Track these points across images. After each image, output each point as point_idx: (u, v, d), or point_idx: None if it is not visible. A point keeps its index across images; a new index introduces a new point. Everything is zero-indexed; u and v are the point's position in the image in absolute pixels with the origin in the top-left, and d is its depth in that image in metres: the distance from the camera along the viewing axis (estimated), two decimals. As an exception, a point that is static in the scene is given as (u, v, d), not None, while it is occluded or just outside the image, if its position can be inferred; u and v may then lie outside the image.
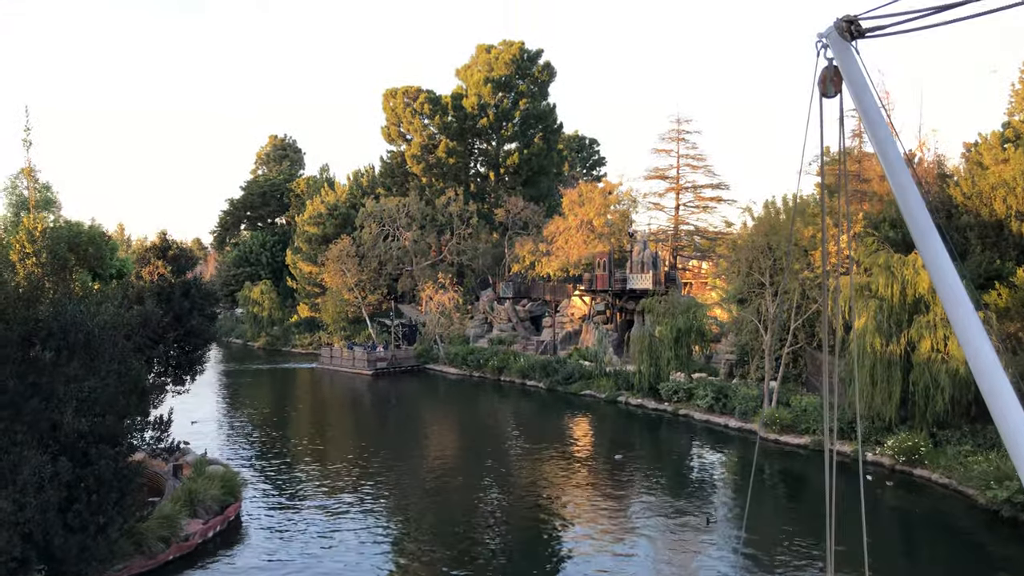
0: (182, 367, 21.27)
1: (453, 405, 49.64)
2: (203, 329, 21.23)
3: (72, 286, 14.15)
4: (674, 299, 43.55)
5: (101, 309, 13.55)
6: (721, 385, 40.45)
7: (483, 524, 24.75)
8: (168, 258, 21.13)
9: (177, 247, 21.78)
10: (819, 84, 5.84)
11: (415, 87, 74.92)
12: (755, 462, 33.00)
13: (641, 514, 25.55)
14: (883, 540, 22.74)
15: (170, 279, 20.35)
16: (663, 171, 61.44)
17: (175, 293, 20.43)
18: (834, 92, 5.81)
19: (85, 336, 12.95)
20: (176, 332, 20.25)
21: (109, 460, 13.72)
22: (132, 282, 20.18)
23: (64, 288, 13.68)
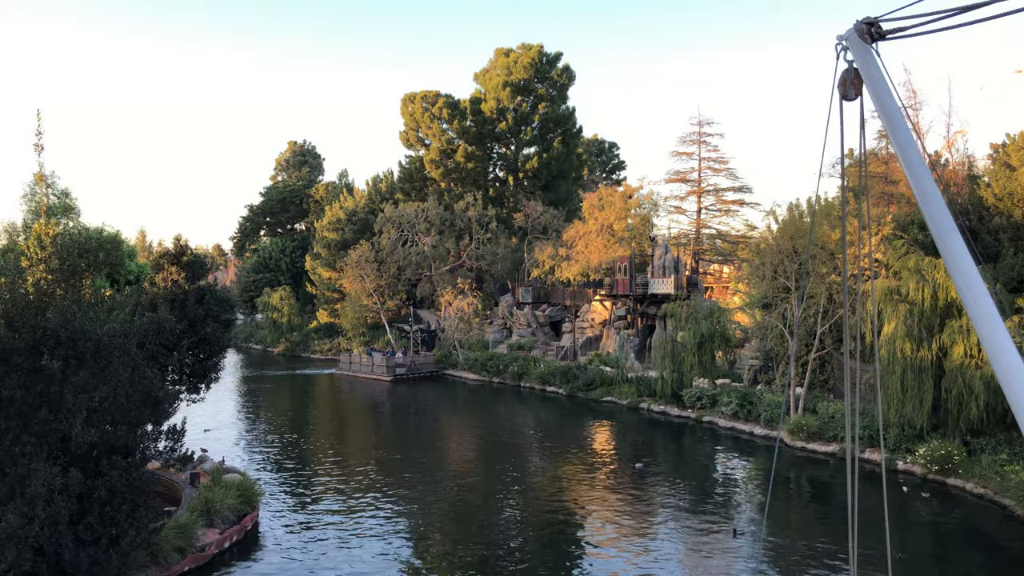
0: (196, 375, 20.92)
1: (472, 411, 49.17)
2: (218, 336, 20.86)
3: (83, 293, 13.84)
4: (697, 304, 42.85)
5: (112, 317, 13.21)
6: (746, 391, 39.68)
7: (504, 532, 24.25)
8: (182, 264, 20.79)
9: (191, 253, 21.43)
10: (839, 87, 5.77)
11: (433, 91, 74.71)
12: (774, 469, 32.36)
13: (665, 523, 24.95)
14: (916, 551, 22.01)
15: (184, 285, 20.00)
16: (684, 174, 60.83)
17: (189, 300, 20.07)
18: (854, 95, 5.74)
19: (94, 345, 12.61)
20: (190, 339, 19.90)
21: (121, 471, 13.36)
22: (146, 289, 19.86)
23: (74, 295, 13.37)
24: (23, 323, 11.95)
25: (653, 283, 52.59)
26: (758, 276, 39.51)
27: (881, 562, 18.17)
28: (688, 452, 36.35)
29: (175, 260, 20.80)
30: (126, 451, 13.72)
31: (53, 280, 13.40)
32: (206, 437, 34.20)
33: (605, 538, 23.88)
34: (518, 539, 23.70)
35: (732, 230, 61.65)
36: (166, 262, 20.76)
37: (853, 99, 5.73)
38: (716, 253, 62.76)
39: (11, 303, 11.87)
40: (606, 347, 54.75)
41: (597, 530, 24.61)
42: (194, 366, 20.53)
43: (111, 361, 12.90)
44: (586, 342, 57.33)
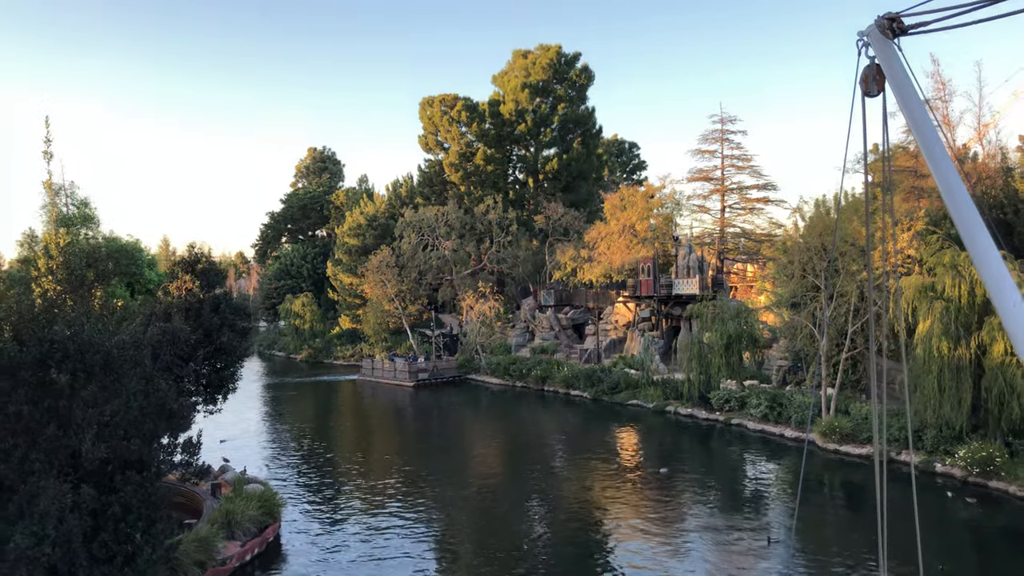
0: (213, 385, 20.50)
1: (496, 416, 48.60)
2: (234, 346, 20.44)
3: (93, 303, 13.44)
4: (724, 304, 41.99)
5: (122, 328, 12.80)
6: (775, 393, 38.78)
7: (530, 540, 23.65)
8: (197, 272, 20.38)
9: (206, 260, 21.03)
10: (861, 83, 5.74)
11: (452, 95, 74.36)
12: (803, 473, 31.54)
13: (694, 529, 24.26)
14: (959, 559, 21.13)
15: (199, 294, 19.60)
16: (707, 172, 59.92)
17: (204, 309, 19.67)
18: (876, 91, 5.71)
19: (103, 357, 12.19)
20: (206, 349, 19.50)
21: (135, 486, 12.94)
22: (159, 298, 19.49)
23: (83, 306, 12.97)
24: (30, 336, 11.57)
25: (677, 284, 51.75)
26: (786, 275, 38.59)
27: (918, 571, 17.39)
28: (717, 455, 35.54)
29: (190, 268, 20.40)
30: (140, 466, 13.29)
31: (62, 291, 13.01)
32: (223, 447, 33.87)
33: (633, 544, 23.21)
34: (544, 547, 23.09)
35: (757, 228, 60.64)
36: (180, 270, 20.37)
37: (875, 95, 5.70)
38: (741, 252, 61.73)
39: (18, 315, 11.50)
40: (630, 349, 53.96)
41: (624, 536, 23.96)
42: (210, 376, 20.10)
43: (122, 374, 12.48)
44: (610, 344, 56.56)
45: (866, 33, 5.67)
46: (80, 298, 13.27)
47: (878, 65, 5.65)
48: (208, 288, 20.28)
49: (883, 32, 5.57)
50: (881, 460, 7.33)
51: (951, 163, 5.54)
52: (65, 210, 33.99)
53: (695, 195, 60.62)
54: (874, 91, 5.73)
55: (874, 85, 5.71)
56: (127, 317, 13.79)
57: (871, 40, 5.65)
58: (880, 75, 5.67)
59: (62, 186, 34.08)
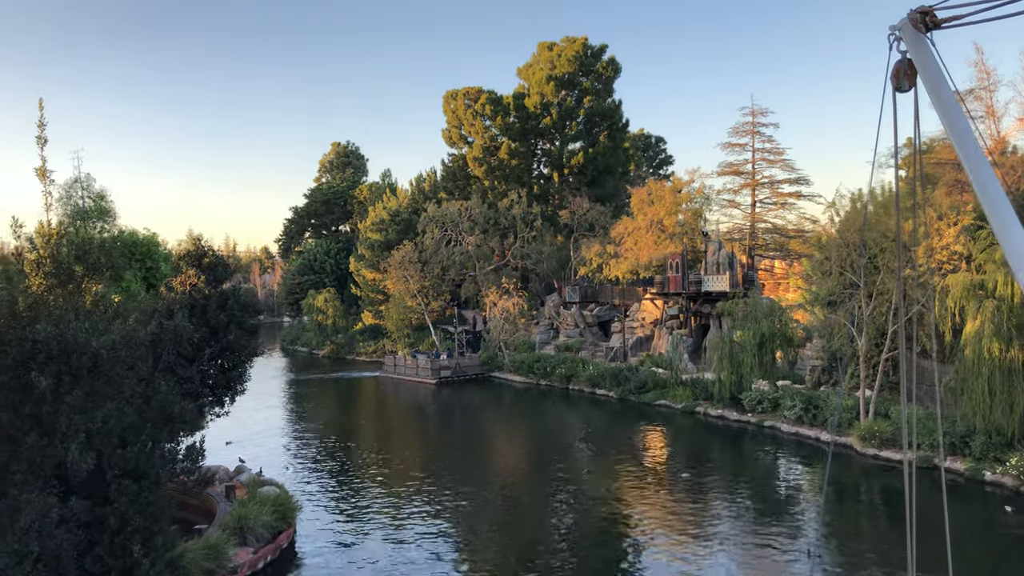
0: (219, 387, 19.49)
1: (520, 416, 47.49)
2: (242, 344, 19.42)
3: (83, 300, 12.46)
4: (756, 302, 40.49)
5: (114, 326, 11.83)
6: (810, 394, 37.28)
7: (554, 546, 22.57)
8: (203, 266, 19.37)
9: (213, 254, 20.01)
10: (892, 78, 5.62)
11: (476, 88, 73.18)
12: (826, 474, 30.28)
13: (724, 536, 23.14)
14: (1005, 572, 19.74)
15: (204, 290, 18.57)
16: (737, 166, 58.32)
17: (210, 305, 18.64)
18: (908, 86, 5.59)
19: (91, 358, 11.21)
20: (212, 348, 18.50)
21: (131, 497, 11.99)
22: (162, 294, 18.48)
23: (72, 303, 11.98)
24: (10, 336, 10.61)
25: (707, 280, 50.24)
26: (822, 271, 37.03)
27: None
28: (748, 459, 34.18)
29: (195, 262, 19.40)
30: (138, 474, 12.34)
31: (47, 286, 12.06)
32: (238, 448, 33.05)
33: (659, 550, 22.17)
34: (568, 552, 21.97)
35: (789, 224, 58.92)
36: (185, 264, 19.37)
37: (907, 91, 5.59)
38: (772, 248, 60.05)
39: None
40: (658, 348, 52.57)
41: (650, 543, 22.96)
42: (216, 377, 19.08)
43: (113, 376, 11.52)
44: (636, 342, 55.18)
45: (898, 27, 5.53)
46: (69, 294, 12.31)
47: (910, 60, 5.51)
48: (215, 283, 19.26)
49: (915, 26, 5.43)
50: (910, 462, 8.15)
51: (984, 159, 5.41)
52: (81, 203, 33.29)
53: (725, 189, 59.07)
54: (905, 86, 5.59)
55: (905, 80, 5.56)
56: (121, 314, 12.81)
57: (903, 34, 5.51)
58: (912, 70, 5.52)
59: (77, 178, 33.40)
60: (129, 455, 12.26)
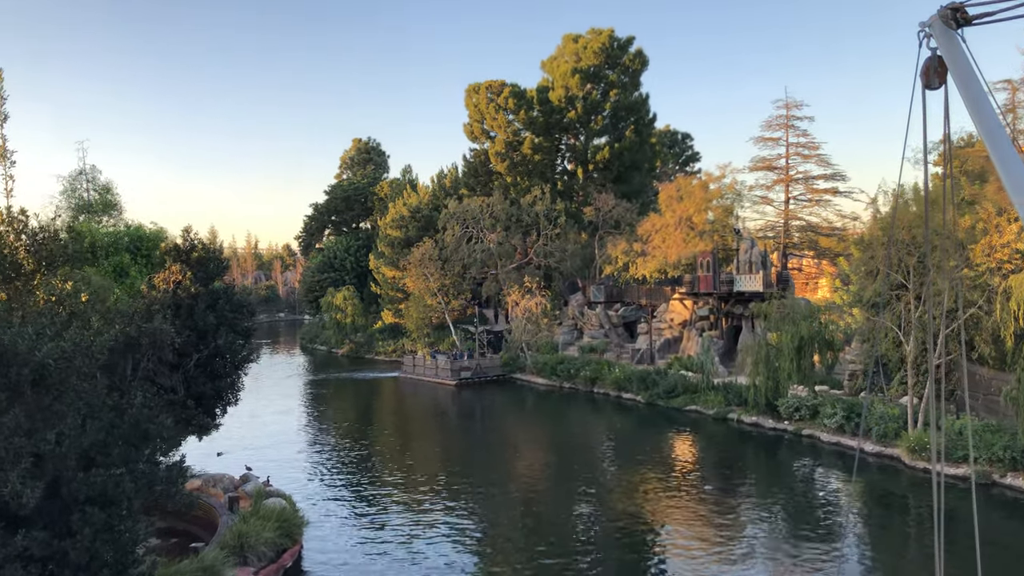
0: (208, 397, 17.70)
1: (543, 420, 45.60)
2: (234, 349, 17.62)
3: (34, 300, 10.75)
4: (793, 303, 38.28)
5: (68, 333, 10.11)
6: (852, 402, 35.05)
7: (578, 560, 20.73)
8: (191, 262, 17.54)
9: (203, 247, 18.16)
10: (922, 76, 5.59)
11: (499, 81, 71.24)
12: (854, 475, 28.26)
13: (757, 553, 21.24)
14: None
15: (190, 288, 16.74)
16: (770, 161, 56.04)
17: (198, 305, 16.82)
18: (938, 84, 5.55)
19: (34, 371, 9.52)
20: (199, 354, 16.74)
21: (96, 528, 10.32)
22: (143, 292, 16.73)
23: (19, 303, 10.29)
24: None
25: (739, 280, 48.03)
26: (866, 271, 34.76)
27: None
28: (785, 470, 32.12)
29: (182, 257, 17.60)
30: (105, 500, 10.67)
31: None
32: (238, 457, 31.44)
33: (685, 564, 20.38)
34: (595, 564, 20.15)
35: (824, 221, 56.52)
36: (170, 259, 17.56)
37: (937, 88, 5.55)
38: (808, 246, 57.67)
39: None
40: (687, 350, 50.42)
41: (677, 555, 21.28)
42: (205, 386, 17.30)
43: (64, 391, 9.85)
44: (664, 344, 53.05)
45: (928, 24, 5.51)
46: (15, 292, 10.63)
47: (940, 57, 5.48)
48: (205, 281, 17.46)
49: (946, 22, 5.41)
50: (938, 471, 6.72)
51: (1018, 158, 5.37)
52: (86, 196, 31.94)
53: (757, 185, 56.79)
54: (935, 84, 5.54)
55: (935, 78, 5.51)
56: (79, 315, 11.12)
57: (933, 31, 5.48)
58: (942, 67, 5.48)
59: (82, 170, 32.06)
60: (94, 479, 10.59)
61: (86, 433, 10.49)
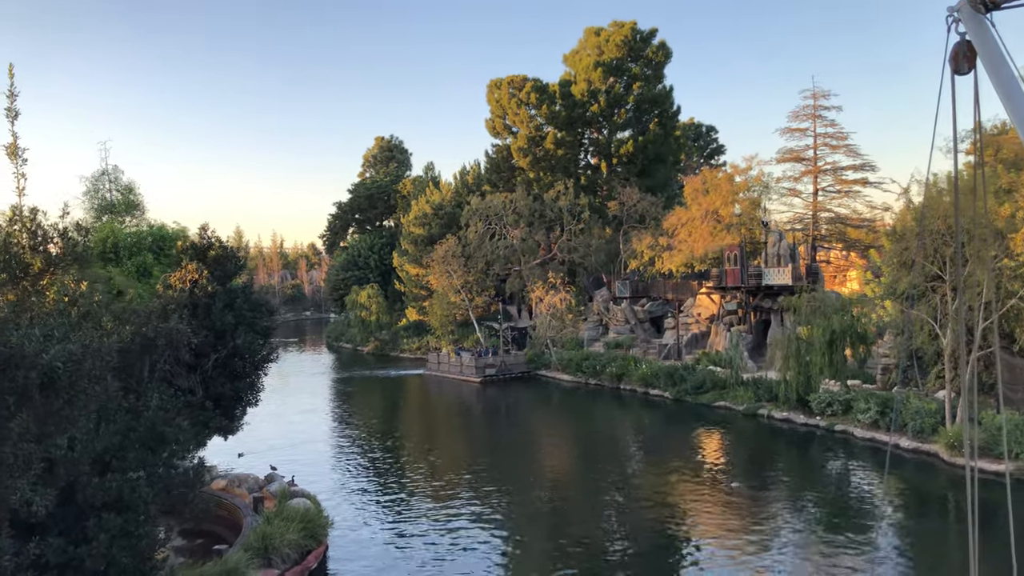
0: (226, 398, 17.40)
1: (569, 417, 45.10)
2: (253, 349, 17.31)
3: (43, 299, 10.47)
4: (825, 296, 37.43)
5: (80, 332, 9.82)
6: (886, 396, 34.20)
7: (606, 560, 20.27)
8: (208, 260, 17.26)
9: (220, 245, 17.86)
10: (951, 61, 5.49)
11: (521, 76, 70.70)
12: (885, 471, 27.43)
13: (790, 554, 20.64)
14: None
15: (207, 287, 16.45)
16: (798, 152, 55.00)
17: (215, 304, 16.52)
18: (967, 69, 5.46)
19: (41, 374, 9.24)
20: (217, 354, 16.44)
21: (111, 534, 10.04)
22: (159, 292, 16.46)
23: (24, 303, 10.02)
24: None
25: (768, 273, 47.16)
26: (900, 262, 33.84)
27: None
28: (817, 467, 31.37)
29: (199, 256, 17.33)
30: (121, 506, 10.40)
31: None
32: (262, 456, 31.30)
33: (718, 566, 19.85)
34: (623, 566, 19.67)
35: (853, 213, 55.38)
36: (186, 258, 17.29)
37: (966, 73, 5.46)
38: (836, 238, 56.56)
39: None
40: (714, 345, 49.65)
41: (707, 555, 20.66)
42: (223, 387, 17.00)
43: (75, 394, 9.55)
44: (691, 339, 52.31)
45: (956, 8, 5.41)
46: (22, 293, 10.37)
47: (969, 42, 5.36)
48: (222, 280, 17.17)
49: (974, 7, 5.30)
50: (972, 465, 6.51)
51: None
52: (108, 196, 31.93)
53: (785, 177, 55.71)
54: (964, 69, 5.43)
55: (964, 63, 5.40)
56: (90, 316, 10.83)
57: (962, 15, 5.37)
58: (971, 52, 5.36)
59: (104, 170, 32.04)
60: (110, 484, 10.32)
61: (100, 437, 10.22)
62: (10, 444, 8.72)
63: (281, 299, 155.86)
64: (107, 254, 26.92)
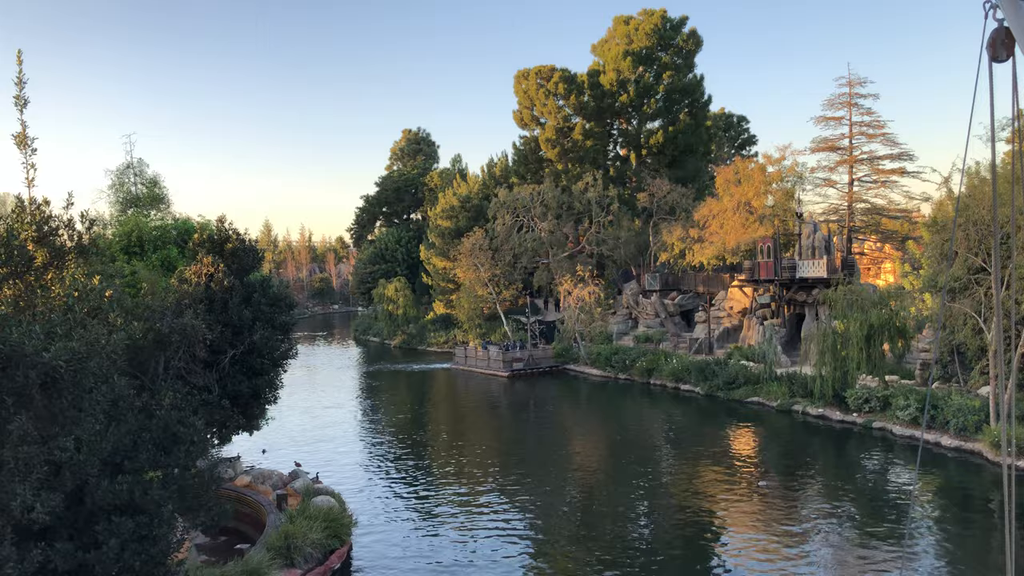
0: (243, 396, 16.89)
1: (598, 412, 44.41)
2: (272, 346, 16.76)
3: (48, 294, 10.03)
4: (863, 289, 36.34)
5: (79, 332, 9.34)
6: (925, 392, 33.06)
7: (636, 556, 19.63)
8: (225, 253, 16.73)
9: (238, 238, 17.31)
10: (988, 48, 5.30)
11: (548, 66, 69.89)
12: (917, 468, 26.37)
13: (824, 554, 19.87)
14: None
15: (223, 281, 15.89)
16: (833, 141, 53.62)
17: (232, 299, 15.97)
18: (1006, 56, 5.26)
19: (41, 373, 8.79)
20: (235, 350, 15.94)
21: (122, 538, 9.62)
22: (173, 286, 15.99)
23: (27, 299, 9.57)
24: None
25: (802, 266, 46.05)
26: (942, 255, 32.69)
27: None
28: (854, 464, 30.41)
29: (216, 249, 16.83)
30: (133, 508, 9.97)
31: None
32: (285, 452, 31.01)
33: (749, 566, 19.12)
34: (651, 565, 19.01)
35: (890, 203, 53.91)
36: (203, 251, 16.78)
37: (1004, 60, 5.30)
38: (871, 229, 55.15)
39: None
40: (747, 339, 48.63)
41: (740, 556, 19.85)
42: (241, 385, 16.51)
43: (80, 395, 9.11)
44: (723, 333, 51.32)
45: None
46: (26, 287, 9.93)
47: (1007, 28, 5.17)
48: (240, 273, 16.65)
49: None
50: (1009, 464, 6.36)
51: None
52: (133, 189, 31.80)
53: (819, 167, 54.37)
54: (1003, 56, 5.24)
55: (1003, 50, 5.21)
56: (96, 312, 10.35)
57: (1000, 1, 5.16)
58: (1010, 39, 5.18)
59: (129, 163, 31.92)
60: (119, 486, 9.90)
61: (109, 438, 9.79)
62: (10, 447, 8.31)
63: (309, 293, 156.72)
64: (132, 248, 26.75)
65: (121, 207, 30.14)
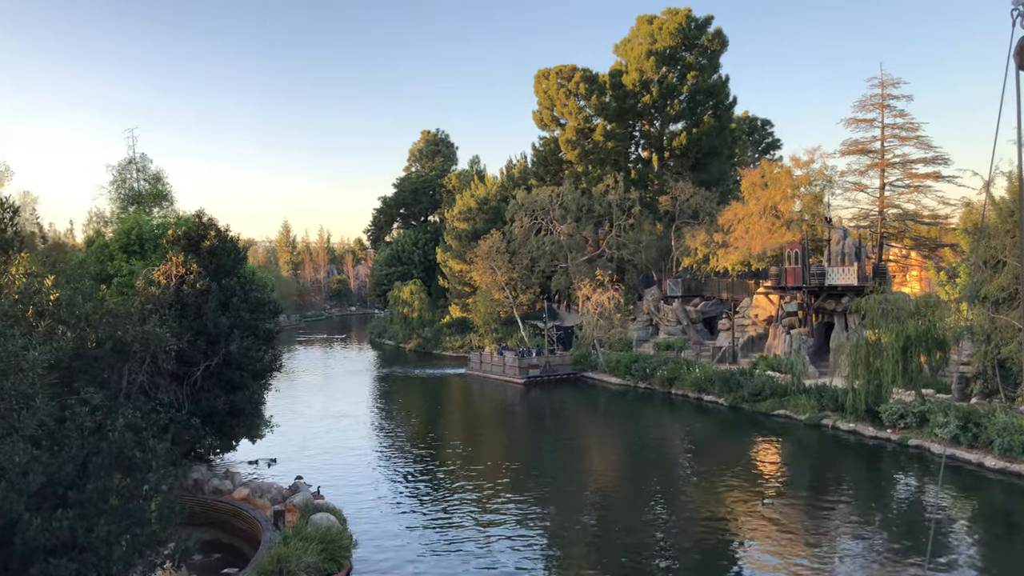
0: (219, 413, 15.26)
1: (617, 423, 42.75)
2: (252, 357, 15.10)
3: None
4: (898, 298, 34.44)
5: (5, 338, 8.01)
6: (968, 409, 31.12)
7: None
8: (201, 252, 15.06)
9: (217, 234, 15.62)
10: (1015, 56, 5.30)
11: (570, 66, 68.30)
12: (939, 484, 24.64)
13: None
14: None
15: (196, 283, 14.27)
16: (864, 144, 51.50)
17: (208, 304, 14.35)
18: None
19: None
20: (209, 362, 14.39)
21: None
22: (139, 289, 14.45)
23: None
24: None
25: (831, 272, 44.12)
26: (983, 263, 30.79)
27: None
28: (887, 484, 28.60)
29: (192, 246, 15.20)
30: (77, 548, 8.57)
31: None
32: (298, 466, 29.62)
33: None
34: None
35: (923, 209, 51.73)
36: (174, 250, 15.13)
37: None
38: (903, 236, 52.99)
39: None
40: (773, 348, 46.73)
41: None
42: (217, 401, 14.91)
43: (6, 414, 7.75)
44: (747, 342, 49.44)
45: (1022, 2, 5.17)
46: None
47: None
48: (218, 274, 15.03)
49: None
50: None
51: None
52: (135, 186, 30.62)
53: (849, 170, 52.27)
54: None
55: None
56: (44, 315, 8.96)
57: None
58: None
59: (132, 159, 30.74)
60: (57, 523, 8.52)
61: (36, 468, 8.42)
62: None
63: (327, 294, 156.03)
64: (131, 247, 25.55)
65: (123, 204, 28.95)
